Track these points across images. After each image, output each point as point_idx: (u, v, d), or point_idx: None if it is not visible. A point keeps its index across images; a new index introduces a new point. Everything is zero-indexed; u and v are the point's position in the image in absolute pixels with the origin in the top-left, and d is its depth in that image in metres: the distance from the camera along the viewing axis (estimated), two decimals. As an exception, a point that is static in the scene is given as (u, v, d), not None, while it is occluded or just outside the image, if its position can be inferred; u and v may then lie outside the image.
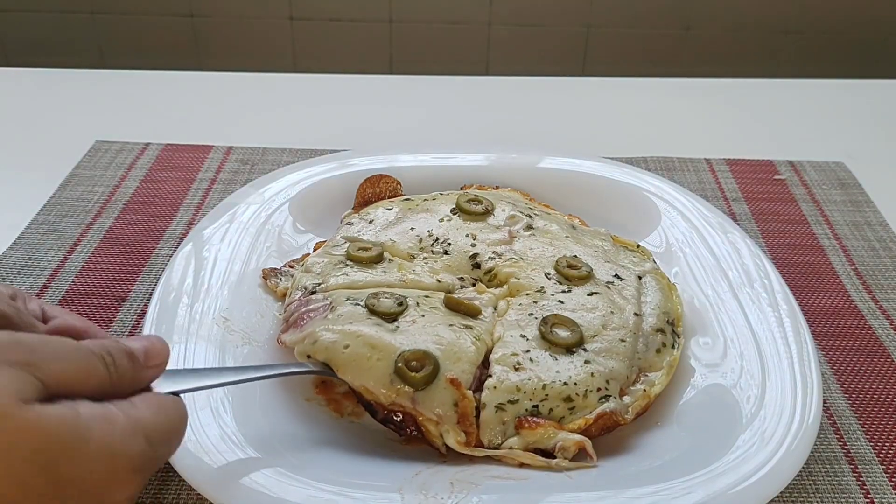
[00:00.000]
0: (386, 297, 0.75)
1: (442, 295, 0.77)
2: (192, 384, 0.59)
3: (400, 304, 0.74)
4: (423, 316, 0.73)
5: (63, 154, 1.13)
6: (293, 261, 0.87)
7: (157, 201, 1.04)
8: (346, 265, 0.81)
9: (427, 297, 0.77)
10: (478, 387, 0.70)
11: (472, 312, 0.75)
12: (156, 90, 1.34)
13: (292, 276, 0.83)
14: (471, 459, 0.67)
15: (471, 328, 0.73)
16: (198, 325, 0.76)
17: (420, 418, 0.68)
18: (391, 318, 0.73)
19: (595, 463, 0.66)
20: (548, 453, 0.67)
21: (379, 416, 0.70)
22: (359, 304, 0.75)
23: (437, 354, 0.69)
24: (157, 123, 1.23)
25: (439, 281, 0.80)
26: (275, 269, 0.85)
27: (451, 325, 0.72)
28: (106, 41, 2.29)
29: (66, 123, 1.23)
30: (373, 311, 0.74)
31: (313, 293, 0.78)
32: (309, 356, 0.72)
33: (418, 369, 0.68)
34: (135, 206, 1.03)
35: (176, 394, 0.56)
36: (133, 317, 0.85)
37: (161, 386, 0.56)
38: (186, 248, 0.85)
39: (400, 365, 0.68)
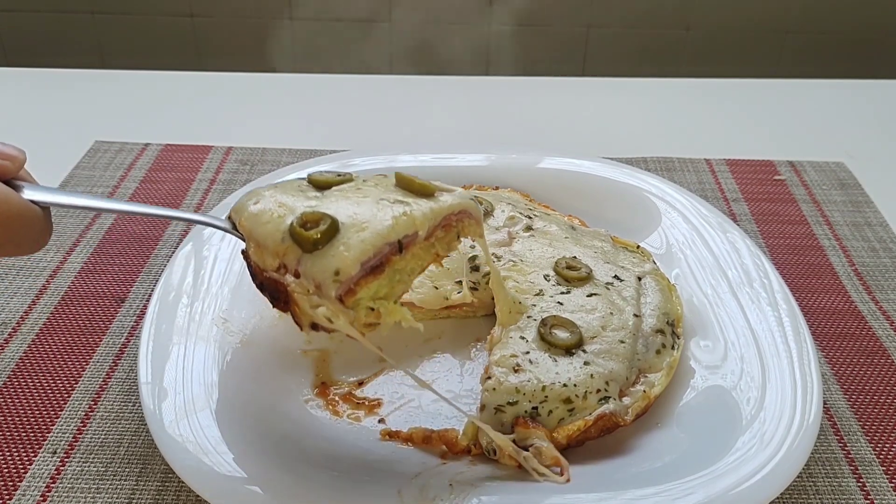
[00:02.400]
0: (330, 173, 0.68)
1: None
2: (58, 199, 0.61)
3: (340, 176, 0.67)
4: (358, 189, 0.65)
5: (63, 154, 1.13)
6: None
7: (156, 201, 1.04)
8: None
9: (385, 177, 0.69)
10: (380, 268, 0.60)
11: (424, 192, 0.66)
12: (156, 90, 1.34)
13: None
14: (470, 461, 0.67)
15: (406, 205, 0.63)
16: (197, 325, 0.76)
17: (290, 288, 0.59)
18: (326, 186, 0.66)
19: (565, 480, 0.65)
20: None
21: (256, 280, 0.62)
22: (302, 179, 0.68)
23: (343, 220, 0.60)
24: (156, 123, 1.23)
25: (437, 288, 0.80)
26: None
27: (382, 198, 0.64)
28: (106, 41, 2.29)
29: (65, 123, 1.23)
30: (311, 182, 0.67)
31: None
32: (231, 218, 0.65)
33: (310, 227, 0.59)
34: (134, 207, 1.02)
35: (38, 203, 0.59)
36: (132, 317, 0.85)
37: (27, 193, 0.59)
38: (186, 248, 0.85)
39: (293, 222, 0.60)
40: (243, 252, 0.63)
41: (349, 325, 0.59)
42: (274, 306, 0.62)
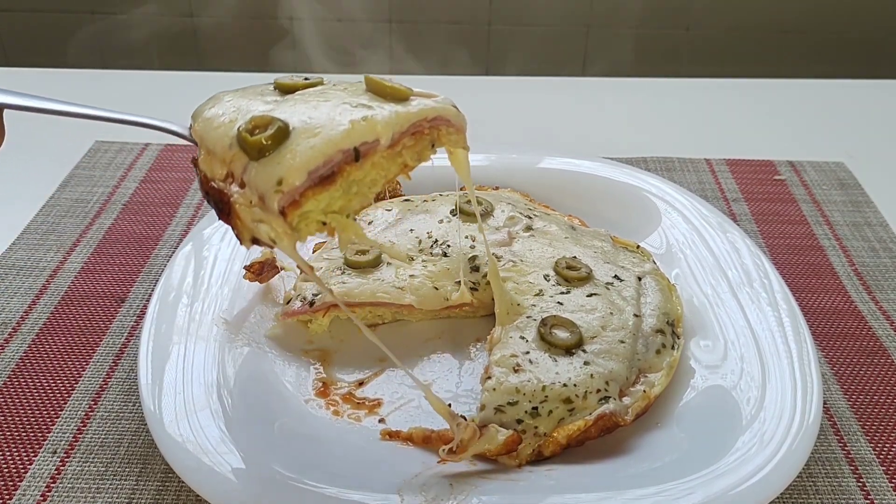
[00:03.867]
0: (299, 77, 0.63)
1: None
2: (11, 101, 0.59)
3: (307, 79, 0.62)
4: (323, 93, 0.60)
5: (63, 154, 1.13)
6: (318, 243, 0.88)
7: (156, 202, 1.04)
8: (344, 272, 0.81)
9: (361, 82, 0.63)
10: (331, 178, 0.55)
11: (396, 96, 0.60)
12: (156, 90, 1.34)
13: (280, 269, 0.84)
14: (471, 461, 0.67)
15: (369, 109, 0.57)
16: (197, 325, 0.76)
17: (233, 199, 0.55)
18: (289, 91, 0.61)
19: (516, 464, 0.66)
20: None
21: (203, 187, 0.58)
22: (269, 84, 0.63)
23: (295, 125, 0.55)
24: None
25: (437, 289, 0.81)
26: (261, 262, 0.84)
27: (345, 102, 0.58)
28: (106, 41, 2.29)
29: (65, 123, 1.23)
30: (276, 87, 0.62)
31: (312, 304, 0.79)
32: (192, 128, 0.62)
33: (255, 132, 0.55)
34: (134, 207, 1.03)
35: None
36: (132, 317, 0.85)
37: None
38: (186, 248, 0.85)
39: (241, 127, 0.55)
40: (193, 160, 0.59)
41: (289, 241, 0.54)
42: (219, 218, 0.57)
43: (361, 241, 0.58)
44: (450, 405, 0.66)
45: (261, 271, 0.82)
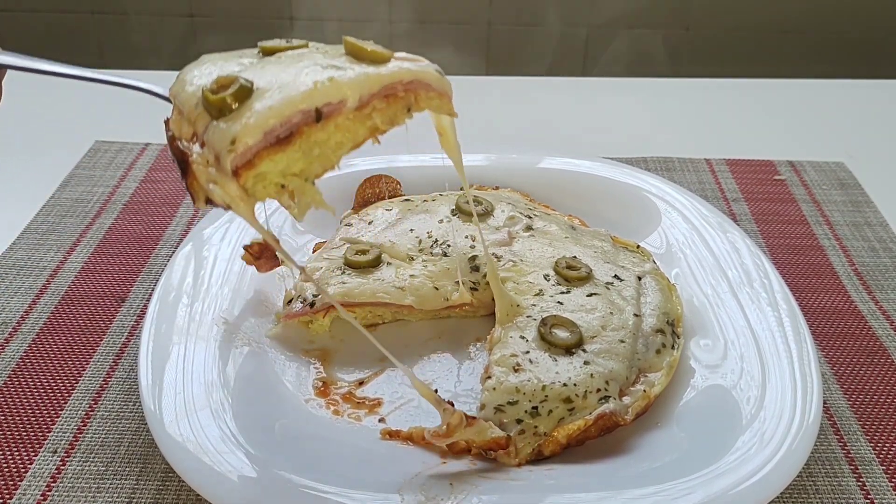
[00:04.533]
0: (286, 41, 0.62)
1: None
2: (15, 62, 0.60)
3: (290, 42, 0.61)
4: (300, 56, 0.58)
5: (63, 154, 1.13)
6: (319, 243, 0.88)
7: (156, 202, 1.04)
8: (344, 272, 0.81)
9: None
10: (289, 139, 0.53)
11: (375, 59, 0.58)
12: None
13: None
14: (470, 461, 0.67)
15: (338, 69, 0.56)
16: (197, 325, 0.76)
17: (191, 159, 0.54)
18: (271, 53, 0.60)
19: (515, 463, 0.66)
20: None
21: (170, 146, 0.58)
22: (255, 48, 0.62)
23: (260, 85, 0.54)
24: (156, 124, 1.22)
25: (437, 289, 0.81)
26: (261, 244, 0.81)
27: (317, 63, 0.57)
28: (106, 41, 2.29)
29: (65, 123, 1.23)
30: (260, 50, 0.61)
31: (312, 305, 0.79)
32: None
33: (219, 91, 0.54)
34: (134, 207, 1.03)
35: None
36: (133, 317, 0.85)
37: None
38: (186, 247, 0.85)
39: (206, 87, 0.54)
40: (165, 120, 0.59)
41: (244, 205, 0.53)
42: (182, 178, 0.56)
43: (320, 206, 0.57)
44: (436, 391, 0.66)
45: (259, 255, 0.80)
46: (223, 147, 0.52)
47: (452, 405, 0.66)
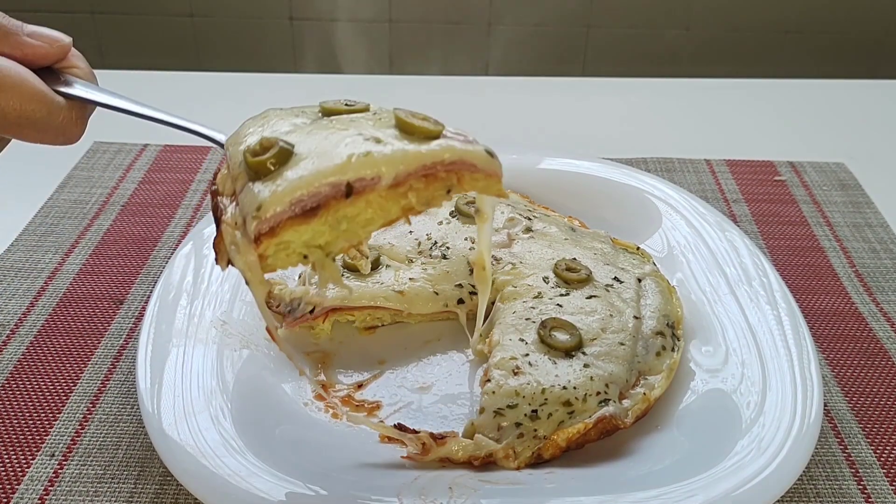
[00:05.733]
0: (352, 102, 0.61)
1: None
2: (78, 92, 0.63)
3: (349, 104, 0.61)
4: (352, 122, 0.58)
5: (61, 155, 1.12)
6: None
7: (155, 203, 1.03)
8: (343, 275, 0.81)
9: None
10: (313, 213, 0.52)
11: (426, 134, 0.56)
12: (156, 90, 1.34)
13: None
14: (470, 466, 0.66)
15: (379, 143, 0.54)
16: (196, 327, 0.76)
17: (223, 218, 0.54)
18: (329, 114, 0.60)
19: (515, 467, 0.66)
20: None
21: (212, 200, 0.58)
22: (316, 105, 0.62)
23: (301, 151, 0.53)
24: (155, 124, 1.23)
25: (437, 293, 0.80)
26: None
27: (360, 133, 0.55)
28: (106, 41, 2.29)
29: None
30: (321, 109, 0.61)
31: (312, 310, 0.78)
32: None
33: (260, 153, 0.53)
34: (133, 208, 1.02)
35: (70, 97, 0.61)
36: (131, 319, 0.85)
37: (70, 89, 0.62)
38: (186, 248, 0.85)
39: (245, 146, 0.54)
40: (215, 173, 0.59)
41: (246, 266, 0.52)
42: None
43: (337, 285, 0.57)
44: (395, 425, 0.68)
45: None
46: (250, 212, 0.51)
47: (416, 432, 0.66)
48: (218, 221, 0.55)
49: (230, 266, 0.56)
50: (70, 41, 0.63)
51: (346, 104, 0.60)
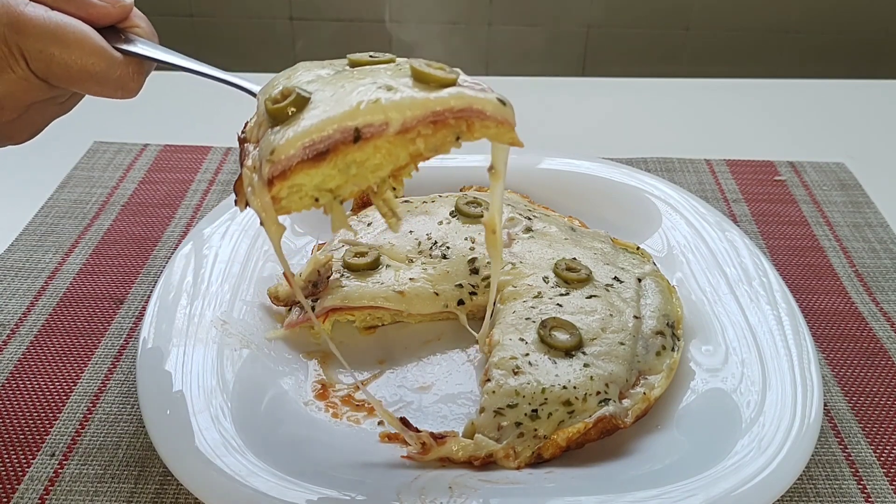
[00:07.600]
0: (372, 55, 0.62)
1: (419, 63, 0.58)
2: (143, 51, 0.68)
3: (373, 56, 0.61)
4: (372, 71, 0.59)
5: (61, 155, 1.13)
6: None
7: (155, 203, 1.03)
8: (343, 274, 0.81)
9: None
10: (322, 157, 0.53)
11: (441, 83, 0.56)
12: (155, 90, 1.33)
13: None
14: (470, 465, 0.67)
15: (389, 90, 0.55)
16: (196, 327, 0.76)
17: (245, 162, 0.57)
18: (355, 66, 0.61)
19: (515, 466, 0.66)
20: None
21: (240, 147, 0.61)
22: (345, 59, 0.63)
23: (317, 99, 0.55)
24: (155, 124, 1.23)
25: (437, 294, 0.80)
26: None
27: (375, 82, 0.56)
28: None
29: (64, 124, 1.22)
30: (349, 62, 0.62)
31: (312, 309, 0.79)
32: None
33: (280, 101, 0.56)
34: (133, 208, 1.02)
35: (128, 53, 0.66)
36: (131, 319, 0.85)
37: (130, 45, 0.67)
38: (186, 248, 0.85)
39: (270, 94, 0.57)
40: (246, 122, 0.62)
41: (261, 207, 0.54)
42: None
43: (343, 227, 0.58)
44: (401, 419, 0.67)
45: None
46: (265, 156, 0.53)
47: (417, 430, 0.67)
48: (242, 166, 0.57)
49: (244, 212, 0.59)
50: (131, 2, 0.69)
51: (371, 56, 0.61)
